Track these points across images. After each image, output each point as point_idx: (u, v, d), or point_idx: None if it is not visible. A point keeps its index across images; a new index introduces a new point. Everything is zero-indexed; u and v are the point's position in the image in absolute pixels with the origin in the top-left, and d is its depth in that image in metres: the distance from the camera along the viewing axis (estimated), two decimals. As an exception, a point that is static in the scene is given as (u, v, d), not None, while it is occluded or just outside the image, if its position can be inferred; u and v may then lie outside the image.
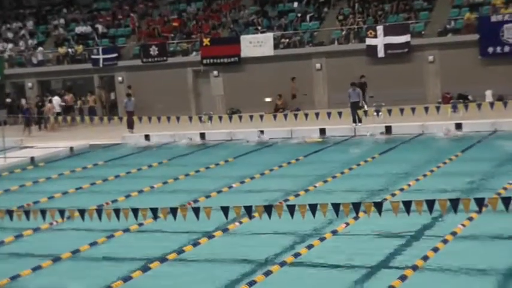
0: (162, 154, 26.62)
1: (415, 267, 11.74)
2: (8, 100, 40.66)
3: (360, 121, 28.94)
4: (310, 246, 13.43)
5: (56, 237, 15.75)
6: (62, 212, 13.69)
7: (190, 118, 30.24)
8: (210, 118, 30.60)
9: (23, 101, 39.63)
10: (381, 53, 35.12)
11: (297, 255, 12.96)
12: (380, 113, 29.78)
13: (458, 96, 33.44)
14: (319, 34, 37.99)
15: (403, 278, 11.26)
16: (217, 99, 38.08)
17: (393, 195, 16.99)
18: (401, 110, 26.87)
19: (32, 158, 27.14)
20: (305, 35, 37.87)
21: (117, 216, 13.09)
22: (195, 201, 17.74)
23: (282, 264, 12.50)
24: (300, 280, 11.94)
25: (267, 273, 11.98)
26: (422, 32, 35.86)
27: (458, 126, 27.04)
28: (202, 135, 29.68)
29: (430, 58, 34.72)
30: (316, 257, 12.93)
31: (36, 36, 44.65)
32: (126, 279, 12.15)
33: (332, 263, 12.58)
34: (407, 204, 11.70)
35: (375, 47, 35.19)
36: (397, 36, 34.84)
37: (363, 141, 26.90)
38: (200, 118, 30.90)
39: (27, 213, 13.84)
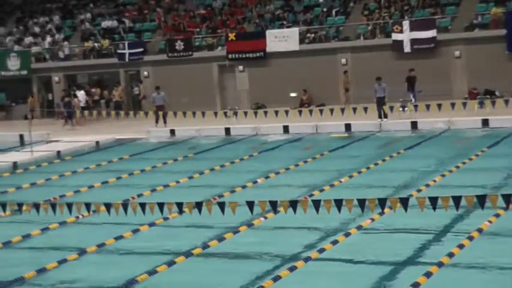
0: (187, 148, 26.66)
1: (440, 264, 11.67)
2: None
3: (386, 116, 28.81)
4: (335, 242, 13.40)
5: (81, 230, 15.86)
6: (88, 206, 13.75)
7: (216, 113, 30.27)
8: (235, 113, 30.59)
9: (50, 96, 39.97)
10: (407, 48, 34.92)
11: (321, 250, 12.94)
12: (406, 109, 29.64)
13: (485, 91, 33.17)
14: (345, 29, 37.88)
15: (428, 274, 11.19)
16: (243, 94, 38.09)
17: (419, 191, 16.92)
18: (428, 106, 26.70)
19: (59, 152, 27.31)
20: (331, 30, 37.77)
21: (143, 210, 13.12)
22: (220, 195, 17.76)
23: (307, 259, 12.48)
24: (325, 276, 11.91)
25: (292, 269, 11.97)
26: (449, 27, 35.62)
27: (485, 122, 26.85)
28: (227, 131, 29.71)
29: (457, 53, 34.49)
30: (341, 252, 12.91)
31: (62, 31, 44.90)
32: (151, 273, 12.19)
33: (357, 259, 12.54)
34: (433, 200, 11.61)
35: (400, 42, 35.01)
36: (423, 31, 34.63)
37: (389, 137, 26.78)
38: (225, 113, 30.91)
39: (53, 207, 13.92)
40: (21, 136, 31.58)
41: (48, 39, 43.49)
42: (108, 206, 13.51)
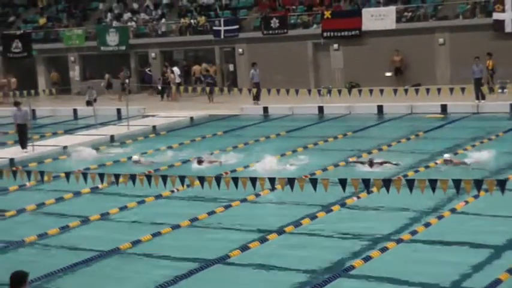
0: (280, 126, 26.69)
1: (537, 250, 11.41)
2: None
3: (484, 98, 28.15)
4: (427, 224, 13.24)
5: (175, 204, 16.12)
6: (182, 180, 13.95)
7: (309, 91, 30.19)
8: (329, 91, 30.43)
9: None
10: (508, 28, 33.91)
11: (414, 232, 12.79)
12: (505, 90, 28.87)
13: None
14: (444, 8, 37.09)
15: (525, 259, 10.97)
16: (337, 73, 37.83)
17: (516, 174, 16.51)
18: (528, 88, 25.95)
19: (154, 127, 27.79)
20: (428, 9, 37.07)
21: (236, 185, 13.23)
22: (312, 173, 17.74)
23: (399, 241, 12.37)
24: (416, 259, 11.77)
25: (383, 250, 11.89)
26: (555, 6, 34.41)
27: None
28: (321, 109, 29.59)
29: (562, 34, 33.31)
30: (433, 235, 12.73)
31: (160, 7, 45.50)
32: (244, 248, 12.31)
33: (449, 240, 12.35)
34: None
35: (502, 22, 34.02)
36: (526, 11, 33.57)
37: (486, 118, 26.16)
38: (319, 91, 30.78)
39: (149, 180, 14.20)
40: (119, 110, 32.28)
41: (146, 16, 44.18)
42: (201, 180, 13.69)
